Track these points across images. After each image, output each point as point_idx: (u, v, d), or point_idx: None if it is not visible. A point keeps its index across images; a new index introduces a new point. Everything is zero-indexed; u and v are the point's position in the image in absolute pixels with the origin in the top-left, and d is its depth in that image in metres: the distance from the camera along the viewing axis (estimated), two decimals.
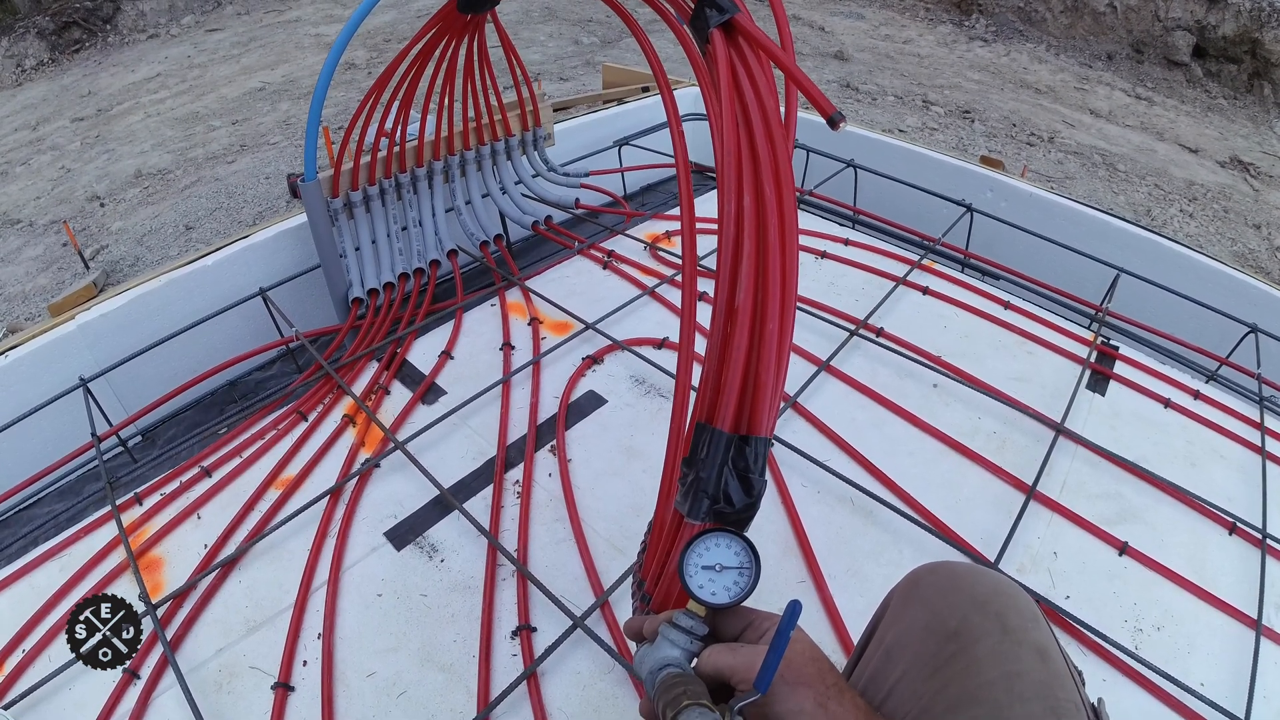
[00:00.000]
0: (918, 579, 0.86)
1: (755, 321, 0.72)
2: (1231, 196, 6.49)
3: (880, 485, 1.61)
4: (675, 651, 0.69)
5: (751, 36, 0.80)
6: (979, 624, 0.76)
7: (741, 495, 0.71)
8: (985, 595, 0.79)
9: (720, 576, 0.69)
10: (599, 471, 1.65)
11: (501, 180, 2.57)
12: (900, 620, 0.83)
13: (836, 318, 2.10)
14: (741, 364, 0.71)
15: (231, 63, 9.54)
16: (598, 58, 8.88)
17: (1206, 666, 1.32)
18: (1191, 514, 1.61)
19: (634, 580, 0.94)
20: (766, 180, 0.74)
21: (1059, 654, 0.75)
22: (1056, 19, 9.77)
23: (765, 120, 0.77)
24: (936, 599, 0.81)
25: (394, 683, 1.26)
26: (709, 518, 0.71)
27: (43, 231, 6.05)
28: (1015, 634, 0.74)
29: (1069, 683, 0.72)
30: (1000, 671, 0.71)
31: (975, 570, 0.85)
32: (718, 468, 0.71)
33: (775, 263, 0.72)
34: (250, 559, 1.48)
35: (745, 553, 0.69)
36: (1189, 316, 2.28)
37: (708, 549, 0.69)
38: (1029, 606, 0.79)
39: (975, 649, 0.74)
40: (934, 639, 0.77)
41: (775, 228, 0.73)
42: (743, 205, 0.74)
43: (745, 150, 0.76)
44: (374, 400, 1.86)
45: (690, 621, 0.69)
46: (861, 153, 2.85)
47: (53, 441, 1.87)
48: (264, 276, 2.24)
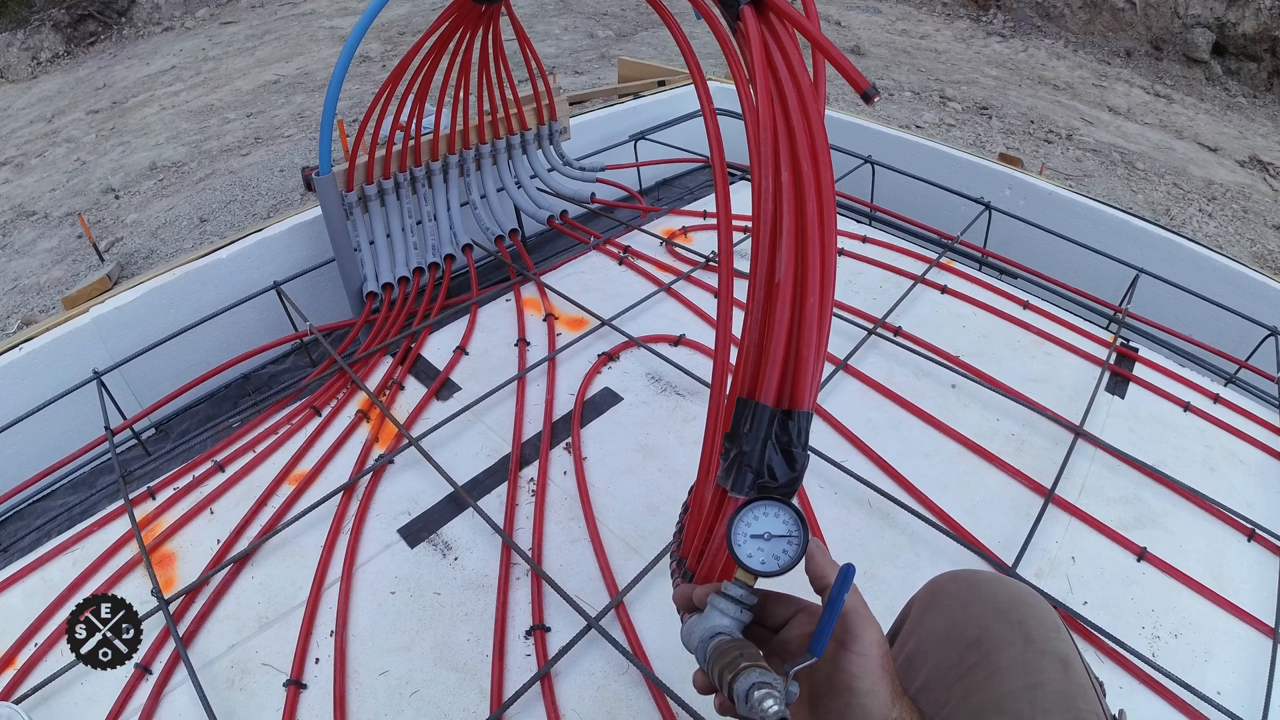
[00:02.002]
0: (939, 587, 0.85)
1: (796, 295, 0.71)
2: (1251, 196, 6.43)
3: (897, 487, 1.60)
4: (726, 620, 0.68)
5: (783, 11, 0.79)
6: (1001, 633, 0.75)
7: (785, 469, 0.70)
8: (1007, 604, 0.78)
9: (769, 545, 0.68)
10: (614, 470, 1.64)
11: (517, 174, 2.56)
12: (921, 628, 0.82)
13: (854, 316, 2.08)
14: (784, 339, 0.70)
15: (246, 55, 9.58)
16: (613, 51, 8.88)
17: (1223, 674, 1.31)
18: (1210, 519, 1.59)
19: (673, 559, 0.93)
20: (804, 155, 0.73)
21: (1081, 664, 0.75)
22: (1075, 15, 9.70)
23: (800, 96, 0.76)
24: (958, 607, 0.80)
25: (407, 681, 1.26)
26: (753, 492, 0.71)
27: (58, 224, 6.09)
28: (1038, 644, 0.74)
29: (1091, 694, 0.72)
30: (1023, 682, 0.71)
31: (996, 579, 0.84)
32: (761, 442, 0.70)
33: (815, 236, 0.71)
34: (263, 555, 1.48)
35: (793, 521, 0.68)
36: (1208, 318, 2.25)
37: (755, 518, 0.68)
38: (1050, 616, 0.78)
39: (998, 658, 0.73)
40: (956, 647, 0.76)
41: (813, 202, 0.72)
42: (780, 181, 0.74)
43: (781, 126, 0.76)
44: (388, 396, 1.86)
45: (740, 591, 0.69)
46: (879, 149, 2.83)
47: (67, 434, 1.87)
48: (278, 270, 2.24)
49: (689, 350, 1.96)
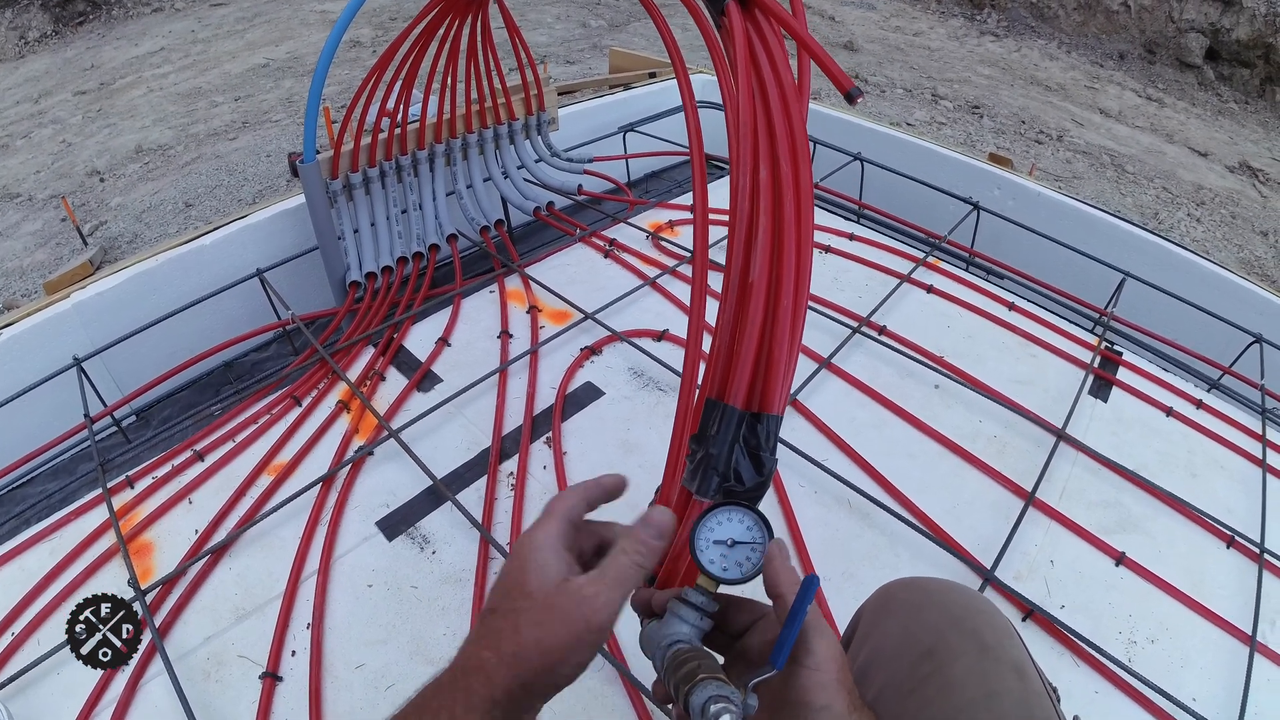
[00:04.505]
0: (890, 595, 0.84)
1: (770, 297, 0.70)
2: (1239, 202, 6.46)
3: (878, 487, 1.60)
4: (685, 628, 0.67)
5: (768, 9, 0.78)
6: (955, 642, 0.74)
7: (752, 473, 0.70)
8: (959, 612, 0.78)
9: (732, 552, 0.66)
10: (595, 465, 1.63)
11: (504, 164, 2.54)
12: (873, 638, 0.81)
13: (839, 314, 2.07)
14: (755, 340, 0.70)
15: (235, 38, 9.49)
16: (605, 41, 8.83)
17: (1199, 681, 1.31)
18: (1190, 525, 1.60)
19: None
20: (783, 155, 0.73)
21: (1035, 671, 0.74)
22: (1069, 16, 9.72)
23: (782, 95, 0.75)
24: (909, 616, 0.79)
25: (383, 675, 1.25)
26: (718, 495, 0.70)
27: (42, 206, 6.02)
28: (993, 652, 0.73)
29: (1046, 701, 0.72)
30: (980, 691, 0.70)
31: (947, 585, 0.84)
32: (729, 445, 0.70)
33: (790, 237, 0.71)
34: (241, 546, 1.47)
35: (758, 527, 0.66)
36: (1193, 323, 2.25)
37: (719, 523, 0.66)
38: (1004, 623, 0.78)
39: (953, 668, 0.72)
40: (909, 657, 0.75)
41: (791, 202, 0.71)
42: (758, 180, 0.73)
43: (762, 124, 0.75)
44: (369, 386, 1.84)
45: (702, 598, 0.67)
46: (869, 146, 2.83)
47: (47, 421, 1.84)
48: (262, 257, 2.22)
49: (672, 346, 1.96)
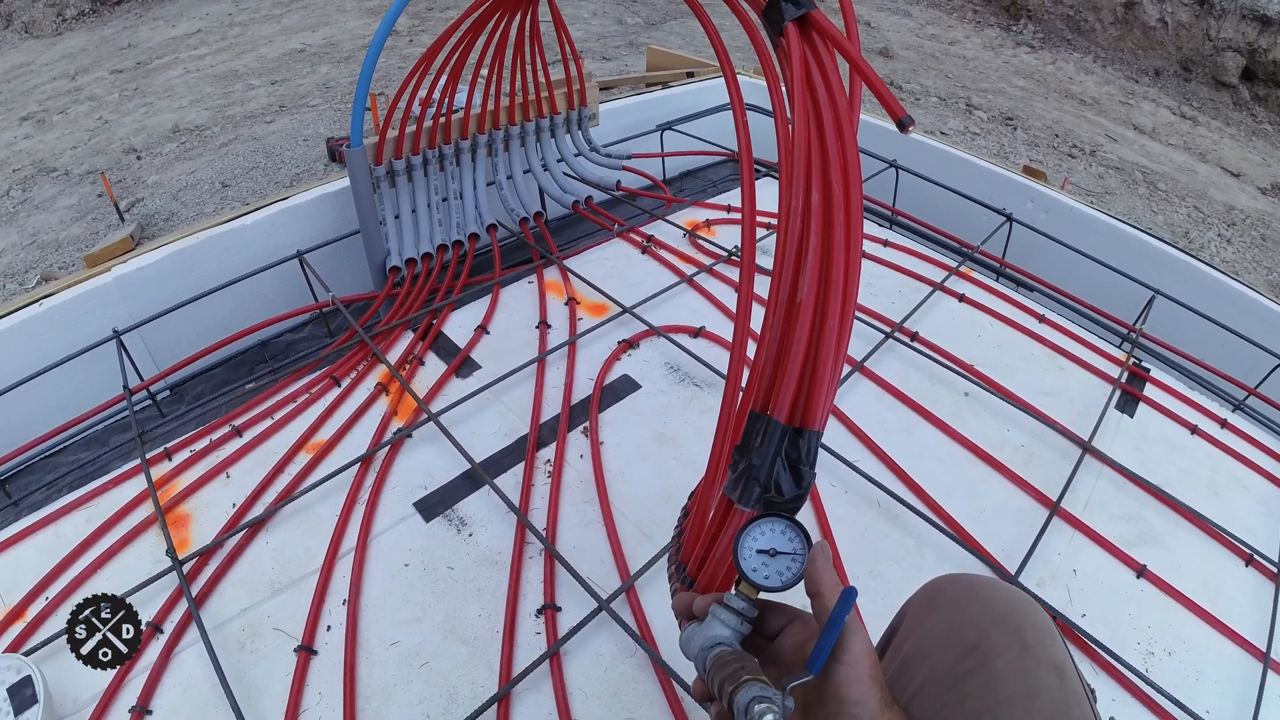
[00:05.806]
0: (937, 590, 0.86)
1: (817, 317, 0.72)
2: (1270, 224, 6.41)
3: (906, 489, 1.62)
4: (726, 631, 0.70)
5: (826, 32, 0.79)
6: (998, 639, 0.76)
7: (792, 486, 0.72)
8: (1003, 610, 0.79)
9: (774, 561, 0.70)
10: (630, 456, 1.66)
11: (544, 157, 2.57)
12: (918, 631, 0.83)
13: (872, 319, 2.09)
14: (801, 358, 0.72)
15: (272, 22, 9.56)
16: (641, 39, 8.85)
17: (1213, 694, 1.33)
18: (1210, 542, 1.62)
19: (671, 563, 0.94)
20: (835, 179, 0.74)
21: (1074, 672, 0.76)
22: (1106, 30, 9.64)
23: (836, 118, 0.76)
24: (955, 611, 0.81)
25: (416, 653, 1.28)
26: (759, 505, 0.72)
27: (78, 181, 6.11)
28: (1034, 650, 0.75)
29: (1084, 702, 0.73)
30: (1019, 688, 0.72)
31: (993, 584, 0.85)
32: (771, 458, 0.72)
33: (840, 261, 0.72)
34: (278, 521, 1.50)
35: (799, 539, 0.70)
36: (1220, 343, 2.25)
37: (763, 533, 0.70)
38: (1046, 623, 0.79)
39: (994, 664, 0.74)
40: (953, 652, 0.77)
41: (841, 225, 0.73)
42: (810, 201, 0.74)
43: (815, 147, 0.76)
44: (408, 370, 1.88)
45: (743, 604, 0.71)
46: (904, 154, 2.83)
47: (81, 392, 1.87)
48: (302, 239, 2.25)
49: (708, 343, 1.98)
